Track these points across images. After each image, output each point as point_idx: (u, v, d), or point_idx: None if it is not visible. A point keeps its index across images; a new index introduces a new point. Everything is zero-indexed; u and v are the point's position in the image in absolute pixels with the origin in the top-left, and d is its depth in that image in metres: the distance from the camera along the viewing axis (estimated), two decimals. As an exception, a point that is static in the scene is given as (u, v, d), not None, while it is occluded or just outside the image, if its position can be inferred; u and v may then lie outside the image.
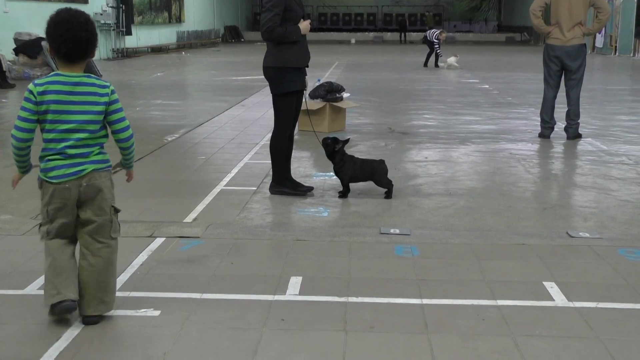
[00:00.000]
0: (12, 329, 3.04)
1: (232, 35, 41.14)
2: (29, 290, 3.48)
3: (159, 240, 4.27)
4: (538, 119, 8.41)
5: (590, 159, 6.97)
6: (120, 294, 3.34)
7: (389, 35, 42.65)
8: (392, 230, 4.49)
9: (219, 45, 35.69)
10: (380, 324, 3.11)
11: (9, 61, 15.26)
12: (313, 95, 8.44)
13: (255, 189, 5.64)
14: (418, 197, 5.42)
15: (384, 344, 2.93)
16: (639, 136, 8.39)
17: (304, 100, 5.48)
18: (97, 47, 3.15)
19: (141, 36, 27.62)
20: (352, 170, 5.36)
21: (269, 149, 5.45)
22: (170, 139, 8.04)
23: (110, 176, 3.15)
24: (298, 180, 5.62)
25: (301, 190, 5.43)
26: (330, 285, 3.57)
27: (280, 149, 5.36)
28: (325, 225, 4.68)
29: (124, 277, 3.63)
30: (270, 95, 5.33)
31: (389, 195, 5.37)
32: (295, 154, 5.83)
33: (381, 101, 11.91)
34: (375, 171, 5.40)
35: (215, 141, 7.95)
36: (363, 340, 2.96)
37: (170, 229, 4.50)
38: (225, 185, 5.77)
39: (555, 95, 8.08)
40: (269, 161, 5.65)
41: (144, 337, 2.98)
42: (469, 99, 12.39)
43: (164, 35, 30.66)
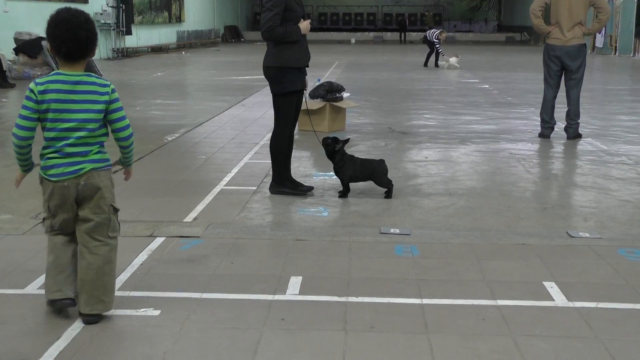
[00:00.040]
0: (13, 328, 3.05)
1: (232, 35, 41.15)
2: (29, 290, 3.48)
3: (159, 240, 4.27)
4: (538, 118, 8.41)
5: (590, 159, 6.98)
6: (120, 294, 3.34)
7: (389, 35, 42.67)
8: (392, 230, 4.49)
9: (219, 45, 35.69)
10: (380, 324, 3.11)
11: (9, 61, 15.26)
12: (313, 95, 8.44)
13: (255, 188, 5.64)
14: (418, 197, 5.42)
15: (384, 343, 2.93)
16: (639, 136, 8.39)
17: (304, 100, 5.48)
18: (97, 47, 3.17)
19: (141, 36, 27.63)
20: (352, 170, 5.36)
21: (269, 149, 5.45)
22: (170, 139, 8.04)
23: (110, 175, 3.16)
24: (298, 180, 5.62)
25: (301, 190, 5.43)
26: (330, 285, 3.57)
27: (280, 148, 5.36)
28: (325, 225, 4.68)
29: (124, 277, 3.63)
30: (270, 95, 5.33)
31: (389, 195, 5.37)
32: (295, 153, 5.83)
33: (381, 101, 11.91)
34: (375, 171, 5.40)
35: (215, 141, 7.95)
36: (363, 340, 2.96)
37: (170, 228, 4.50)
38: (225, 185, 5.77)
39: (555, 95, 8.08)
40: (269, 161, 5.65)
41: (144, 337, 2.98)
42: (469, 98, 12.39)
43: (164, 35, 30.67)
